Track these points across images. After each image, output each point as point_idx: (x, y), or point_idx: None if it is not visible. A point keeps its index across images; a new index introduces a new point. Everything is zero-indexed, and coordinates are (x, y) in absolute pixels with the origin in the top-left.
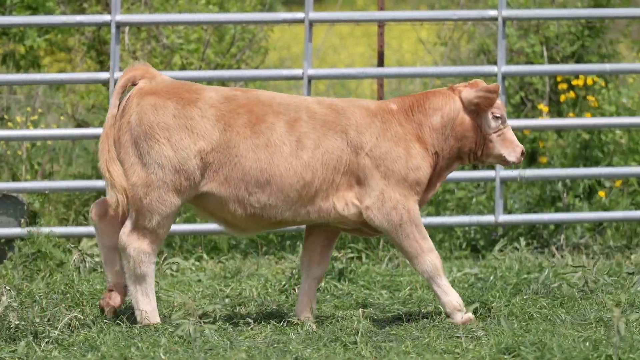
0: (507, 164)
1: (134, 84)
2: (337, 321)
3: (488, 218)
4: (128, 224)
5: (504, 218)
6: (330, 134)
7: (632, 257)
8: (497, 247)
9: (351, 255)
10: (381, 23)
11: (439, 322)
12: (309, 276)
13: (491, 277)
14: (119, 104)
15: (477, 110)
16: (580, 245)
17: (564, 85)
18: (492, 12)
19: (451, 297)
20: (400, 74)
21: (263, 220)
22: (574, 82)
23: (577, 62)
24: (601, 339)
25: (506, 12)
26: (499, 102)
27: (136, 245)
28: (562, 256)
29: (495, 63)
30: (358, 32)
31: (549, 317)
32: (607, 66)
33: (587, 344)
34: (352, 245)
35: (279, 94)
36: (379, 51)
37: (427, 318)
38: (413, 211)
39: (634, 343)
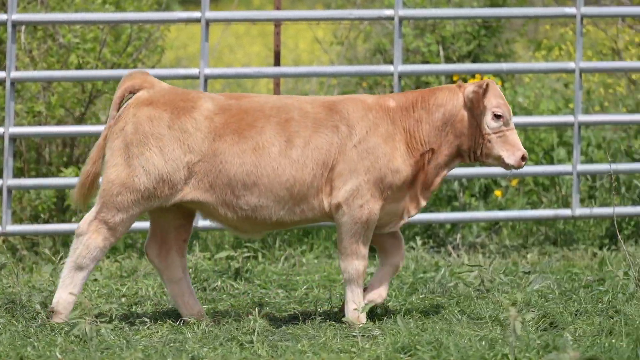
0: (506, 167)
1: (133, 93)
2: (234, 320)
3: None
4: (92, 213)
5: None
6: (321, 130)
7: (528, 256)
8: None
9: (247, 254)
10: (277, 22)
11: (335, 321)
12: (386, 263)
13: None
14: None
15: (472, 107)
16: (476, 245)
17: None
18: (389, 12)
19: (356, 308)
20: (297, 73)
21: (258, 222)
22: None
23: (474, 61)
24: (497, 338)
25: (403, 12)
26: (502, 102)
27: (93, 236)
28: (458, 255)
29: (391, 62)
30: (254, 32)
31: (445, 316)
32: (504, 65)
33: (483, 343)
34: (249, 244)
35: (274, 97)
36: (275, 50)
37: (323, 317)
38: (374, 215)
39: (529, 342)
